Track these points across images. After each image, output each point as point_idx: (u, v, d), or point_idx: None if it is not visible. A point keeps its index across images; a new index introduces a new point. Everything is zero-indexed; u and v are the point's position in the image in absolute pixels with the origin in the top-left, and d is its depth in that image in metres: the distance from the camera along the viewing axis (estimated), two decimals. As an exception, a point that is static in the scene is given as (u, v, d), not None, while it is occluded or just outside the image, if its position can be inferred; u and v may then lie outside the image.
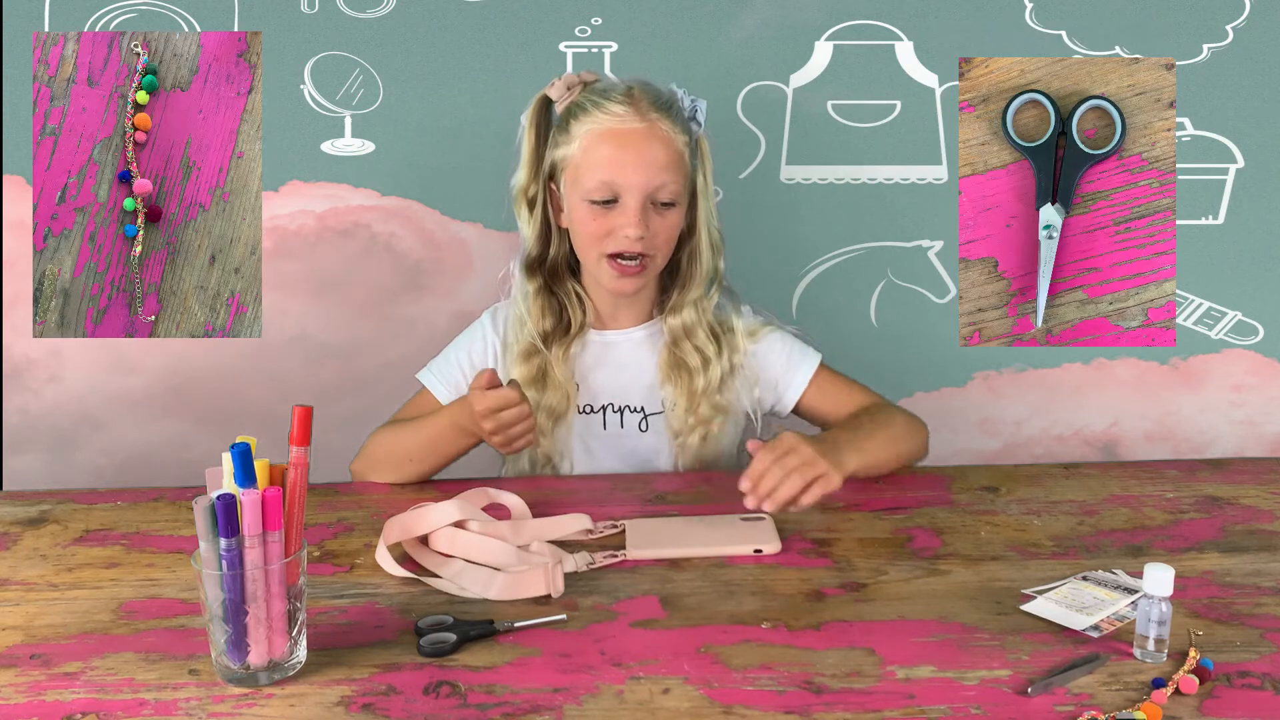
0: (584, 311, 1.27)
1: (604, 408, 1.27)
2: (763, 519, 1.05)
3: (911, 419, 1.25)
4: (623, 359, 1.28)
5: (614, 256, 1.19)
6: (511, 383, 1.14)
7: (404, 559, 0.99)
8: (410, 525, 1.01)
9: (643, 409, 1.27)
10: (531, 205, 1.25)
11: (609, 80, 1.25)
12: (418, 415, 1.26)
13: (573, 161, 1.20)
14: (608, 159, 1.17)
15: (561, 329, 1.26)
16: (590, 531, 1.04)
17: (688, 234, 1.25)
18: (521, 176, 1.26)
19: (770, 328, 1.30)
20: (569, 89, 1.22)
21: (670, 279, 1.28)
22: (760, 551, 0.99)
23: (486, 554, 0.98)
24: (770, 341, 1.29)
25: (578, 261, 1.27)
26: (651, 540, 1.02)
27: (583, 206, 1.19)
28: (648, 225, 1.17)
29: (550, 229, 1.26)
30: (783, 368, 1.29)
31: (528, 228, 1.26)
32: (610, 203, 1.18)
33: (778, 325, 1.31)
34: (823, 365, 1.29)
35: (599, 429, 1.27)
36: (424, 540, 1.02)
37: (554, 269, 1.27)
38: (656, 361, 1.27)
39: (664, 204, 1.19)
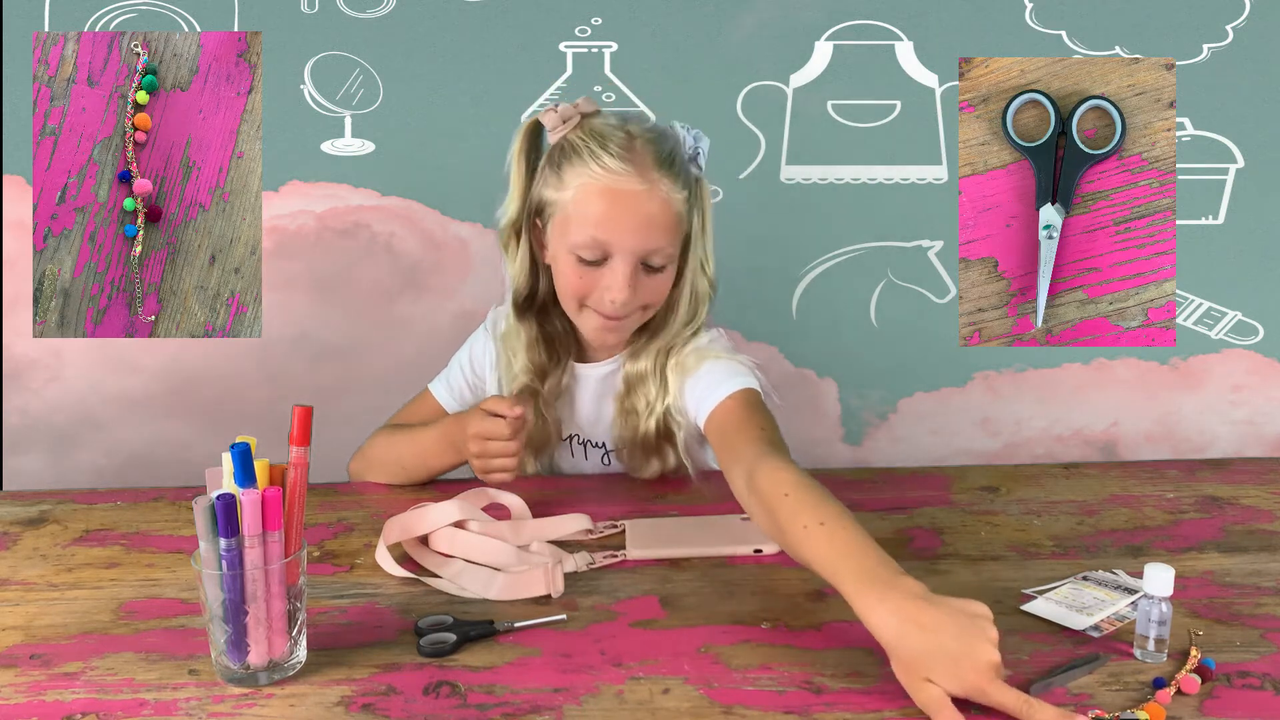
0: (569, 346, 1.22)
1: (570, 438, 1.25)
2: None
3: (812, 483, 0.89)
4: (589, 394, 1.23)
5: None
6: (520, 412, 1.11)
7: (404, 559, 0.98)
8: (410, 525, 1.01)
9: (603, 445, 1.25)
10: (518, 238, 1.16)
11: (609, 119, 1.12)
12: (415, 417, 1.26)
13: (563, 209, 1.11)
14: (600, 216, 1.08)
15: (553, 362, 1.21)
16: (590, 531, 1.04)
17: (674, 282, 1.15)
18: (511, 210, 1.16)
19: (710, 357, 1.15)
20: (564, 121, 1.11)
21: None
22: (760, 551, 0.99)
23: (486, 554, 0.98)
24: (699, 374, 1.14)
25: None
26: (651, 540, 1.01)
27: (568, 259, 1.11)
28: (635, 290, 1.10)
29: (536, 263, 1.18)
30: (700, 396, 1.13)
31: (514, 264, 1.18)
32: (597, 261, 1.10)
33: (721, 352, 1.16)
34: (744, 392, 1.10)
35: (567, 456, 1.26)
36: (424, 540, 1.02)
37: (543, 306, 1.20)
38: (614, 399, 1.22)
39: (654, 267, 1.11)
